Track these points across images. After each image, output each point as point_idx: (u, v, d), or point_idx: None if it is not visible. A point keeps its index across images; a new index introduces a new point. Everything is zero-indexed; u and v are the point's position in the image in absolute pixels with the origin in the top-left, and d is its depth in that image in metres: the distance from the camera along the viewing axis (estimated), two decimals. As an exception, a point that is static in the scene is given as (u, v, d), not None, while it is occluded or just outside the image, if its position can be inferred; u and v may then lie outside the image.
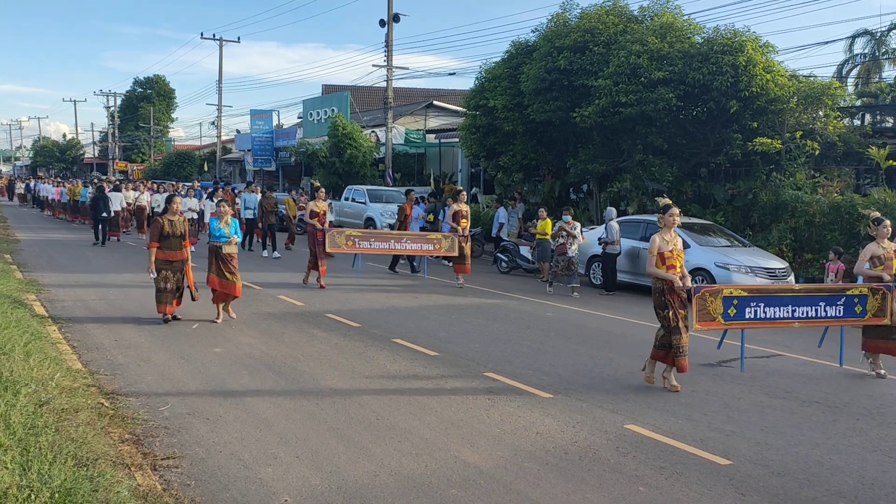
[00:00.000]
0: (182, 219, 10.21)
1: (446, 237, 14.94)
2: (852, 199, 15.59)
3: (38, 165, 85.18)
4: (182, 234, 10.01)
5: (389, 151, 29.72)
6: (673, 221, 7.75)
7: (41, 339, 8.05)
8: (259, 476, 5.06)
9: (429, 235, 15.44)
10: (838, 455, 5.82)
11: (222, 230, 10.37)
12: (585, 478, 5.21)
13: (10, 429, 4.91)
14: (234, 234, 10.50)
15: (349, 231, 15.13)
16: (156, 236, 9.88)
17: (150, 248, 9.94)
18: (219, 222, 10.42)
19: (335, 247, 14.30)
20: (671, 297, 7.59)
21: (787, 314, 8.44)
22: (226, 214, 10.48)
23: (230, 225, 10.47)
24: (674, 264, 7.66)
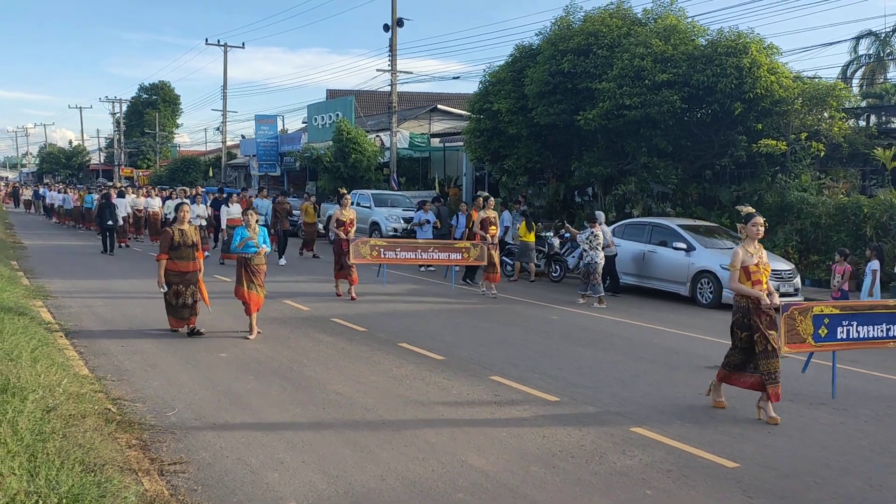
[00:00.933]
0: (193, 228, 9.78)
1: (475, 245, 14.32)
2: (858, 201, 15.56)
3: (44, 172, 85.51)
4: (194, 243, 9.56)
5: (394, 156, 29.76)
6: (757, 232, 6.88)
7: (48, 346, 8.07)
8: (266, 481, 5.07)
9: (456, 244, 14.80)
10: (845, 457, 5.80)
11: (250, 239, 9.76)
12: (592, 481, 5.20)
13: (17, 434, 4.92)
14: (263, 244, 9.89)
15: (374, 241, 14.69)
16: (165, 247, 9.42)
17: (160, 259, 9.47)
18: (246, 231, 9.82)
19: (360, 257, 13.67)
20: (758, 316, 6.72)
21: (881, 333, 7.75)
22: (253, 222, 9.91)
23: (259, 234, 9.86)
24: (760, 279, 6.78)
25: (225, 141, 49.46)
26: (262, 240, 9.84)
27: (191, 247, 9.49)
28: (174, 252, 9.41)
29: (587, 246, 13.63)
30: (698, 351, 9.66)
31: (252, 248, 9.71)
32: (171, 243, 9.40)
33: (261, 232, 9.89)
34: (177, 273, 9.43)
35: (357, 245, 13.68)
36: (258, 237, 9.80)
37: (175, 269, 9.44)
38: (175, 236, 9.44)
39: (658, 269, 14.37)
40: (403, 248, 14.78)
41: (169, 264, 9.42)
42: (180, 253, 9.43)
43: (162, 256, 9.43)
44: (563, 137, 20.13)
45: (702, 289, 13.66)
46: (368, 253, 14.00)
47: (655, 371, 8.46)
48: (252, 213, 10.07)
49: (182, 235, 9.47)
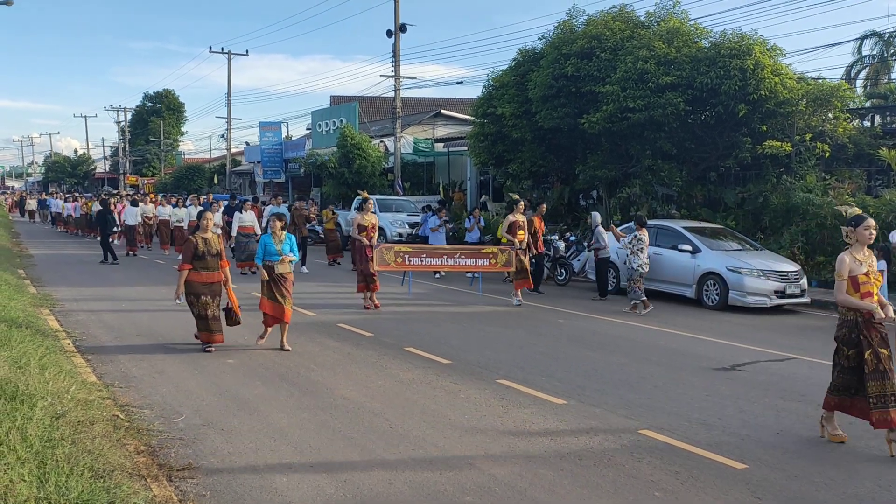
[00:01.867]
0: (217, 237, 9.30)
1: (503, 251, 13.76)
2: (863, 201, 15.51)
3: (49, 181, 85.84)
4: (218, 252, 9.10)
5: (398, 161, 29.80)
6: (869, 236, 6.17)
7: (56, 353, 8.10)
8: (274, 485, 5.08)
9: (484, 249, 14.32)
10: (854, 458, 5.78)
11: (274, 247, 9.31)
12: (601, 483, 5.19)
13: (27, 441, 4.94)
14: (289, 252, 9.40)
15: (399, 247, 14.12)
16: (189, 257, 8.92)
17: (182, 269, 8.98)
18: (272, 239, 9.39)
19: (384, 264, 13.17)
20: (869, 332, 5.93)
21: None
22: (278, 230, 9.43)
23: (283, 241, 9.41)
24: (870, 290, 6.02)
25: (229, 148, 49.61)
26: (287, 248, 9.37)
27: (215, 256, 9.04)
28: (199, 262, 8.93)
29: (629, 250, 13.06)
30: (705, 353, 9.65)
31: (276, 256, 9.27)
32: (195, 253, 8.92)
33: (286, 239, 9.43)
34: (203, 284, 8.97)
35: (381, 251, 13.21)
36: (283, 245, 9.36)
37: (200, 279, 8.96)
38: (199, 245, 8.95)
39: (664, 271, 14.35)
40: (429, 254, 14.18)
41: (193, 275, 8.93)
42: (205, 263, 8.96)
43: (184, 266, 8.95)
44: (567, 141, 20.14)
45: (708, 291, 13.64)
46: (393, 259, 13.44)
47: (662, 373, 8.44)
48: (275, 219, 9.54)
49: (206, 244, 9.01)
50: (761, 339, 10.61)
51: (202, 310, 8.96)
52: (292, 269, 9.45)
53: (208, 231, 9.12)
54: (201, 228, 9.12)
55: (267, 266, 9.26)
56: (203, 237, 9.01)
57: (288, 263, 9.34)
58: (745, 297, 13.13)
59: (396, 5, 28.69)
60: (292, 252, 9.42)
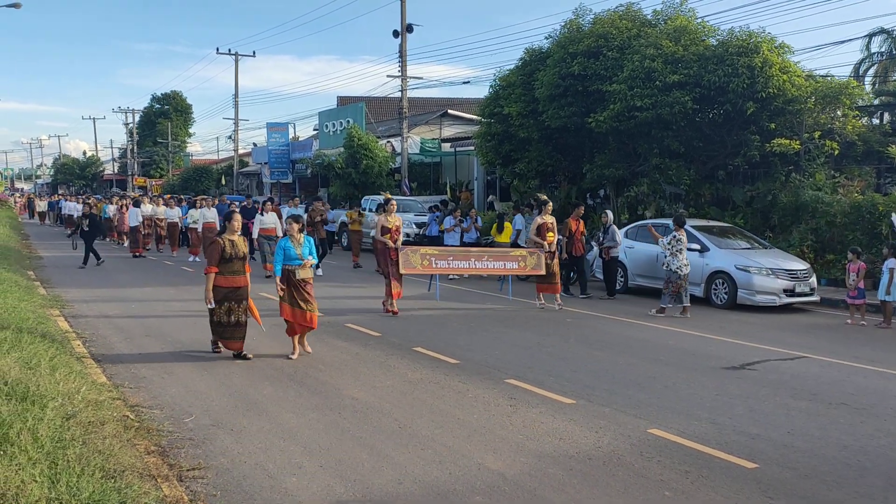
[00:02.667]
0: (243, 239, 8.87)
1: (531, 253, 13.28)
2: (873, 199, 15.44)
3: (58, 183, 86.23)
4: (244, 255, 8.69)
5: (405, 161, 29.82)
6: None
7: (66, 354, 8.13)
8: (284, 486, 5.08)
9: (512, 252, 13.83)
10: (866, 457, 5.75)
11: (294, 251, 8.79)
12: (610, 483, 5.18)
13: (38, 442, 4.96)
14: (309, 255, 8.92)
15: (425, 249, 13.48)
16: (215, 259, 8.46)
17: (209, 272, 8.48)
18: (291, 242, 8.86)
19: (410, 267, 12.57)
20: None
21: None
22: (296, 233, 8.91)
23: (303, 244, 8.90)
24: None
25: (237, 149, 49.78)
26: (307, 251, 8.89)
27: (241, 259, 8.64)
28: (225, 265, 8.49)
29: (668, 251, 12.63)
30: (714, 352, 9.61)
31: (296, 261, 8.77)
32: (222, 255, 8.48)
33: (306, 242, 8.95)
34: (228, 288, 8.54)
35: (407, 254, 12.62)
36: (303, 248, 8.87)
37: (226, 283, 8.52)
38: (226, 247, 8.51)
39: (672, 270, 14.29)
40: (456, 256, 13.68)
41: (220, 279, 8.49)
42: (232, 266, 8.53)
43: (211, 269, 8.47)
44: (575, 140, 20.11)
45: (716, 289, 13.59)
46: (419, 262, 12.85)
47: (671, 372, 8.42)
48: (292, 221, 9.05)
49: (233, 247, 8.57)
50: (771, 338, 10.57)
51: (224, 316, 8.55)
52: (312, 273, 9.06)
53: (236, 233, 8.75)
54: (229, 230, 8.73)
55: (287, 271, 8.78)
56: (230, 239, 8.62)
57: (309, 268, 8.92)
58: (754, 295, 13.07)
59: (403, 6, 28.72)
60: (311, 255, 8.98)
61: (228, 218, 8.90)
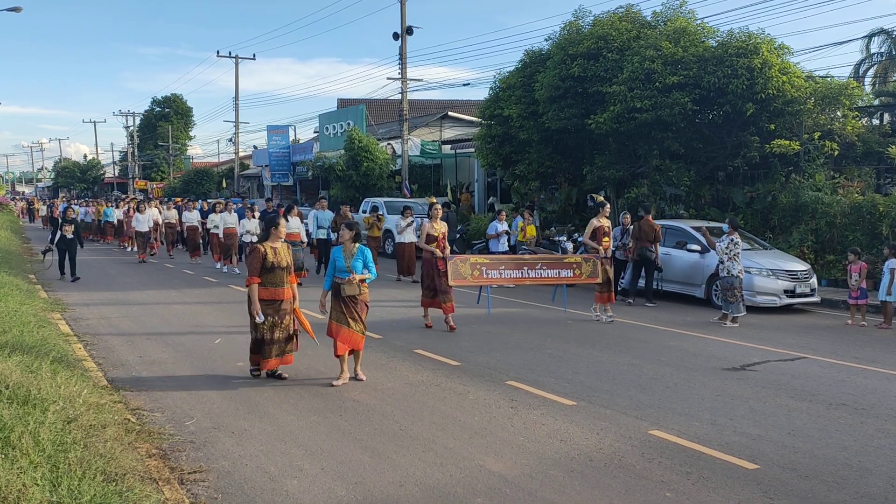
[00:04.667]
0: (286, 247, 8.01)
1: (587, 260, 12.39)
2: (873, 200, 15.45)
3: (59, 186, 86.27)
4: (288, 265, 7.90)
5: (406, 163, 29.84)
6: None
7: (67, 357, 8.14)
8: (285, 488, 5.09)
9: (566, 259, 12.90)
10: (867, 457, 5.75)
11: (343, 263, 7.90)
12: (611, 484, 5.18)
13: (39, 446, 4.97)
14: (363, 270, 7.93)
15: (475, 258, 12.53)
16: (257, 269, 7.68)
17: (251, 283, 7.72)
18: (342, 253, 7.97)
19: (459, 278, 11.66)
20: None
21: None
22: (349, 241, 7.99)
23: (355, 256, 7.94)
24: None
25: (237, 152, 49.79)
26: (359, 264, 7.90)
27: (285, 269, 7.82)
28: (266, 275, 7.72)
29: (726, 256, 11.92)
30: (715, 353, 9.62)
31: (345, 274, 7.84)
32: (264, 264, 7.71)
33: (358, 254, 7.93)
34: (270, 302, 7.73)
35: (456, 264, 11.67)
36: (354, 260, 7.89)
37: (268, 296, 7.72)
38: (268, 255, 7.73)
39: (673, 271, 14.32)
40: (508, 265, 12.68)
41: (261, 291, 7.71)
42: (274, 277, 7.74)
43: (253, 280, 7.70)
44: (575, 141, 20.13)
45: (717, 290, 13.59)
46: (469, 273, 11.95)
47: (672, 373, 8.42)
48: (346, 228, 8.04)
49: (276, 255, 7.78)
50: (771, 339, 10.58)
51: (266, 331, 7.75)
52: (359, 290, 7.92)
53: (279, 240, 7.91)
54: (272, 237, 7.89)
55: (335, 284, 7.93)
56: (273, 246, 7.79)
57: (357, 284, 7.87)
58: (754, 296, 13.07)
59: (402, 8, 28.75)
60: (367, 269, 7.95)
61: (272, 223, 7.97)
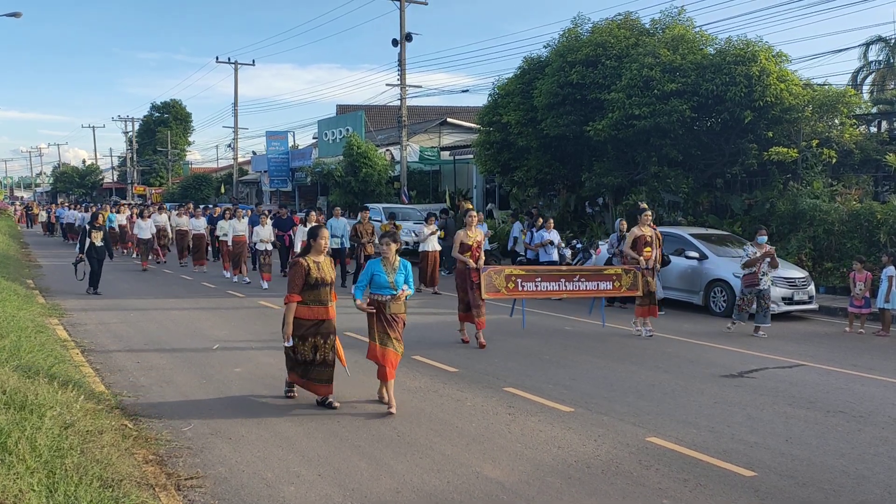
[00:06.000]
0: (329, 261, 7.30)
1: (627, 272, 11.66)
2: (871, 207, 15.48)
3: (58, 191, 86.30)
4: (332, 281, 7.19)
5: (404, 169, 29.88)
6: None
7: (64, 363, 8.13)
8: (282, 495, 5.08)
9: (606, 271, 12.09)
10: (864, 465, 5.75)
11: (386, 277, 7.13)
12: (609, 491, 5.18)
13: (36, 451, 4.96)
14: (405, 284, 7.23)
15: (510, 269, 11.70)
16: (298, 285, 6.94)
17: (290, 301, 6.96)
18: (382, 266, 7.18)
19: (493, 291, 10.93)
20: None
21: None
22: (392, 254, 7.24)
23: (398, 270, 7.21)
24: None
25: (236, 157, 49.84)
26: (401, 278, 7.22)
27: (329, 286, 7.13)
28: (309, 292, 6.99)
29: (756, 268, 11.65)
30: (713, 360, 9.62)
31: (388, 290, 7.12)
32: (306, 280, 6.98)
33: (401, 267, 7.24)
34: (313, 321, 7.02)
35: (490, 275, 10.92)
36: (397, 274, 7.18)
37: (310, 315, 7.00)
38: (311, 270, 7.00)
39: (671, 278, 14.33)
40: (544, 277, 11.82)
41: (303, 310, 6.98)
42: (318, 294, 7.01)
43: (293, 298, 6.97)
44: (573, 148, 20.18)
45: (715, 297, 13.61)
46: (503, 285, 11.19)
47: (670, 380, 8.42)
48: (389, 240, 7.27)
49: (319, 270, 7.05)
50: (769, 346, 10.58)
51: (308, 353, 7.04)
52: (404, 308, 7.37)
53: (322, 253, 7.19)
54: (314, 250, 7.15)
55: (376, 302, 7.15)
56: (316, 261, 7.07)
57: (404, 301, 7.30)
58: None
59: (402, 15, 28.83)
60: (407, 284, 7.27)
61: (314, 234, 7.21)
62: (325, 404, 7.17)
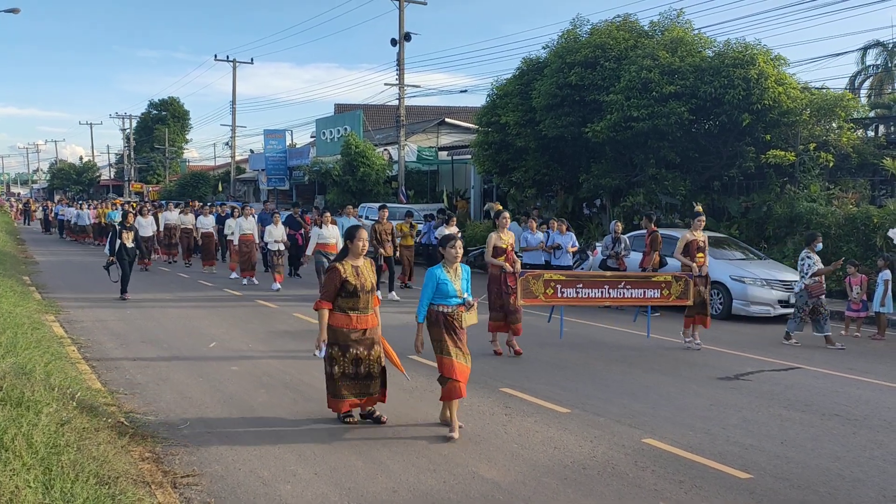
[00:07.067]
0: (369, 263, 6.65)
1: (678, 279, 10.83)
2: (868, 211, 15.52)
3: (54, 188, 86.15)
4: (373, 286, 6.57)
5: (402, 169, 29.88)
6: None
7: (61, 360, 8.12)
8: (278, 493, 5.08)
9: (654, 278, 11.25)
10: (859, 468, 5.77)
11: (452, 286, 6.47)
12: (604, 492, 5.19)
13: (32, 448, 4.96)
14: (467, 293, 6.57)
15: (549, 274, 10.90)
16: (331, 293, 6.36)
17: (321, 308, 6.39)
18: (445, 273, 6.49)
19: (530, 297, 10.23)
20: None
21: None
22: (455, 261, 6.54)
23: (461, 276, 6.57)
24: None
25: (234, 155, 49.79)
26: (466, 284, 6.61)
27: (370, 292, 6.51)
28: (348, 300, 6.39)
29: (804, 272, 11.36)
30: (708, 362, 9.64)
31: (454, 299, 6.48)
32: (344, 286, 6.37)
33: (463, 272, 6.61)
34: (353, 330, 6.44)
35: (527, 280, 10.25)
36: (462, 281, 6.57)
37: (350, 324, 6.42)
38: (349, 276, 6.38)
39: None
40: (586, 283, 11.00)
41: (341, 318, 6.40)
42: (357, 301, 6.41)
43: (323, 304, 6.38)
44: (571, 149, 20.20)
45: (711, 300, 13.60)
46: (542, 291, 10.45)
47: (666, 382, 8.44)
48: (455, 243, 6.54)
49: (358, 276, 6.43)
50: (765, 349, 10.60)
51: (348, 366, 6.44)
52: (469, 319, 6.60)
53: (360, 257, 6.56)
54: (352, 252, 6.50)
55: (442, 314, 6.45)
56: (354, 265, 6.46)
57: (473, 311, 6.58)
58: (748, 306, 13.11)
59: (401, 14, 28.84)
60: (467, 294, 6.59)
61: (351, 236, 6.53)
62: (373, 418, 6.65)
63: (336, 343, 6.43)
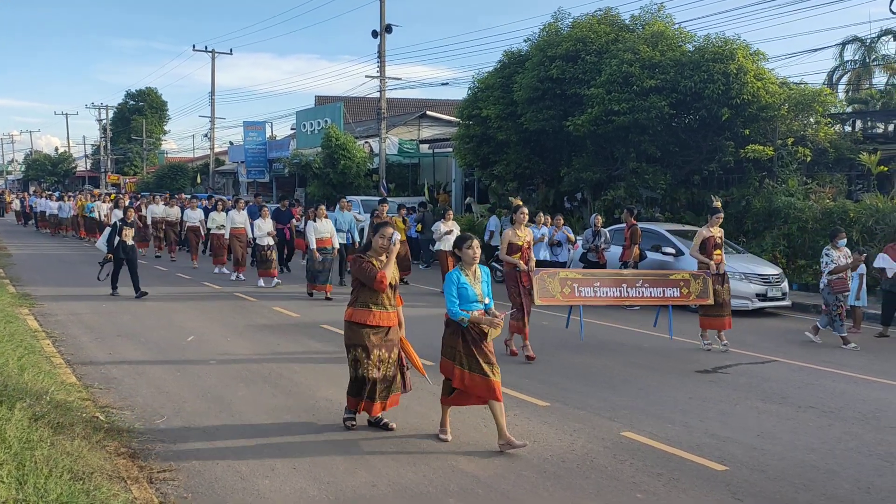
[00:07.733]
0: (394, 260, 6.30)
1: (696, 277, 10.47)
2: (844, 206, 15.69)
3: (30, 179, 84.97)
4: (397, 283, 6.34)
5: (383, 162, 29.76)
6: None
7: (35, 354, 8.02)
8: (256, 488, 5.05)
9: (672, 276, 10.83)
10: (834, 459, 5.83)
11: (473, 290, 6.05)
12: (583, 485, 5.21)
13: (5, 443, 4.89)
14: (488, 297, 6.17)
15: (565, 273, 10.57)
16: (371, 272, 6.08)
17: (384, 278, 6.08)
18: (465, 276, 6.08)
19: (547, 296, 9.82)
20: None
21: None
22: (473, 262, 6.13)
23: (480, 279, 6.16)
24: None
25: (213, 147, 49.34)
26: (487, 287, 6.20)
27: (394, 288, 6.26)
28: (372, 295, 6.12)
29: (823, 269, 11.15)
30: (688, 356, 9.71)
31: (476, 304, 6.03)
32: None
33: (483, 275, 6.20)
34: (376, 328, 6.12)
35: (543, 279, 9.85)
36: (482, 284, 6.15)
37: (373, 320, 6.10)
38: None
39: (647, 273, 14.39)
40: (604, 282, 10.61)
41: (363, 315, 6.11)
42: (381, 297, 6.13)
43: (382, 274, 6.10)
44: (553, 143, 20.21)
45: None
46: (559, 290, 10.05)
47: (645, 375, 8.49)
48: (473, 243, 6.15)
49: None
50: (743, 342, 10.69)
51: (371, 369, 6.06)
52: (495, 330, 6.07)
53: (383, 252, 6.21)
54: (375, 249, 6.21)
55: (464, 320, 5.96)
56: (379, 260, 6.18)
57: (502, 318, 6.12)
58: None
59: (382, 6, 28.67)
60: (488, 298, 6.20)
61: (379, 230, 6.27)
62: (381, 425, 6.32)
63: (358, 343, 6.09)
